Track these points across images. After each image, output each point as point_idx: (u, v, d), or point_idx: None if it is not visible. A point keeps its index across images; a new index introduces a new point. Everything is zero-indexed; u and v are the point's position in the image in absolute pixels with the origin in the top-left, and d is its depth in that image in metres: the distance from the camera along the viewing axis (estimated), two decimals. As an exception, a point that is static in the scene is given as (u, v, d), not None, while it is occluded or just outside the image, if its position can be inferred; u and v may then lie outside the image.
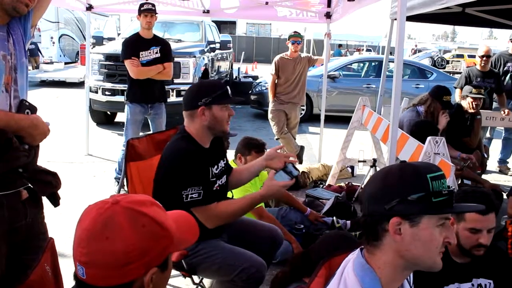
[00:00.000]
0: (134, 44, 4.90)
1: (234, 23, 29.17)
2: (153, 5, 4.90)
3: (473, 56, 26.79)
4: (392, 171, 1.27)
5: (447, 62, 30.59)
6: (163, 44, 5.00)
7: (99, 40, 8.18)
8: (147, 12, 4.82)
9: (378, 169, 5.10)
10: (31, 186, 1.72)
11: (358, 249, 1.35)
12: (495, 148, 6.83)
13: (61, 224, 3.37)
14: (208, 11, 6.45)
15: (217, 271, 2.39)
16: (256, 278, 2.33)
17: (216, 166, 2.44)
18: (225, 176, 2.56)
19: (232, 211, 2.30)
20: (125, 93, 5.13)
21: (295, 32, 6.12)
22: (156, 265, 1.10)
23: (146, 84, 4.87)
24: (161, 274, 1.12)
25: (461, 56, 32.77)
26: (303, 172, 5.50)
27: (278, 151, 2.53)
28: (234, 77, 13.30)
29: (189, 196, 2.19)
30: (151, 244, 1.08)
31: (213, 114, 2.31)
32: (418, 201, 1.20)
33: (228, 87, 2.39)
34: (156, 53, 4.89)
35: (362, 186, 5.08)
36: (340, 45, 26.19)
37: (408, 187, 1.22)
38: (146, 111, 5.03)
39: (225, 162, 2.58)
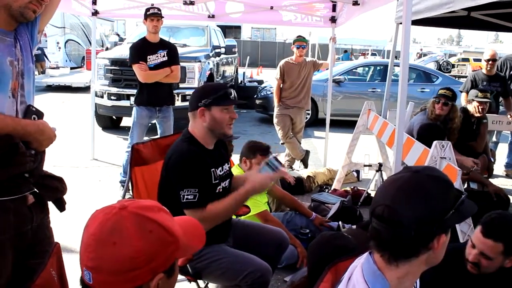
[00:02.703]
0: (141, 49, 4.94)
1: (239, 27, 29.25)
2: (159, 9, 4.94)
3: (479, 60, 26.65)
4: (431, 187, 1.21)
5: (453, 66, 30.51)
6: (170, 48, 5.05)
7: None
8: (153, 16, 4.86)
9: (384, 173, 5.09)
10: (37, 191, 1.72)
11: (367, 253, 1.32)
12: (502, 152, 6.80)
13: (67, 228, 3.37)
14: (213, 16, 6.47)
15: (222, 275, 2.39)
16: (261, 283, 2.32)
17: (220, 168, 2.44)
18: (229, 180, 2.56)
19: (219, 211, 2.28)
20: (134, 96, 5.18)
21: (299, 36, 6.13)
22: (162, 270, 1.09)
23: (154, 88, 4.91)
24: (167, 280, 1.12)
25: (467, 60, 32.65)
26: (308, 176, 5.49)
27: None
28: (239, 81, 13.32)
29: (185, 197, 2.20)
30: (158, 249, 1.07)
31: (212, 115, 2.31)
32: (456, 212, 1.20)
33: (231, 90, 2.39)
34: (163, 56, 4.93)
35: (368, 190, 5.07)
36: (345, 51, 26.20)
37: (449, 201, 1.21)
38: (154, 115, 5.06)
39: (229, 165, 2.59)
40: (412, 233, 1.18)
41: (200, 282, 2.66)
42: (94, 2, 6.25)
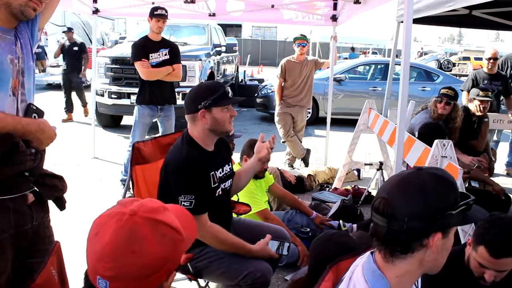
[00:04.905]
0: (144, 47, 4.94)
1: (240, 26, 29.24)
2: (166, 11, 4.93)
3: (480, 59, 26.66)
4: (429, 184, 1.21)
5: (454, 64, 30.48)
6: (171, 47, 5.06)
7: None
8: (160, 17, 4.85)
9: (384, 172, 5.08)
10: (37, 190, 1.72)
11: (368, 253, 1.32)
12: (503, 151, 6.79)
13: (67, 227, 3.37)
14: (213, 14, 6.46)
15: (223, 275, 2.39)
16: (261, 283, 2.32)
17: (220, 170, 2.44)
18: (230, 180, 2.56)
19: (220, 239, 2.33)
20: (136, 95, 5.19)
21: (300, 34, 6.13)
22: (175, 269, 1.12)
23: (156, 86, 4.92)
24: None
25: (468, 58, 32.63)
26: (309, 175, 5.49)
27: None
28: (240, 80, 13.31)
29: (182, 203, 2.22)
30: (173, 251, 1.10)
31: (213, 116, 2.30)
32: (457, 214, 1.19)
33: (227, 88, 2.38)
34: (165, 55, 4.94)
35: (369, 189, 5.07)
36: (352, 49, 26.11)
37: (450, 201, 1.20)
38: (155, 113, 5.07)
39: (230, 166, 2.58)
40: (404, 226, 1.18)
41: (201, 281, 2.66)
42: (95, 1, 6.25)
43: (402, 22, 4.08)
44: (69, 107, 9.37)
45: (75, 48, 9.38)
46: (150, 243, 1.05)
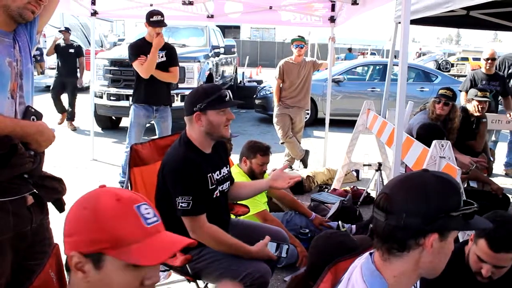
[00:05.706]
0: (141, 48, 4.90)
1: (238, 27, 29.28)
2: (163, 15, 4.84)
3: (478, 59, 26.59)
4: (432, 184, 1.21)
5: (452, 65, 30.45)
6: (168, 49, 5.03)
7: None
8: (156, 25, 4.77)
9: (383, 173, 5.09)
10: (37, 192, 1.72)
11: (367, 253, 1.33)
12: (501, 152, 6.80)
13: (67, 229, 3.38)
14: (212, 16, 6.47)
15: (221, 276, 2.38)
16: (260, 283, 2.32)
17: (218, 172, 2.44)
18: (228, 183, 2.56)
19: (219, 240, 2.33)
20: (132, 94, 5.17)
21: (298, 36, 6.14)
22: (80, 250, 1.12)
23: (152, 86, 4.89)
24: (95, 271, 1.12)
25: (466, 59, 32.58)
26: (308, 176, 5.49)
27: (285, 170, 2.63)
28: (238, 81, 13.32)
29: (180, 204, 2.23)
30: (79, 227, 1.15)
31: (208, 119, 2.30)
32: (457, 218, 1.19)
33: (225, 91, 2.36)
34: (162, 57, 4.91)
35: (368, 190, 5.07)
36: (350, 49, 26.10)
37: (450, 203, 1.20)
38: (151, 114, 5.05)
39: (228, 169, 2.59)
40: (401, 222, 1.19)
41: (200, 283, 2.66)
42: (93, 3, 6.25)
43: (400, 23, 4.09)
44: (60, 109, 8.88)
45: (71, 51, 8.94)
46: (102, 204, 1.14)
